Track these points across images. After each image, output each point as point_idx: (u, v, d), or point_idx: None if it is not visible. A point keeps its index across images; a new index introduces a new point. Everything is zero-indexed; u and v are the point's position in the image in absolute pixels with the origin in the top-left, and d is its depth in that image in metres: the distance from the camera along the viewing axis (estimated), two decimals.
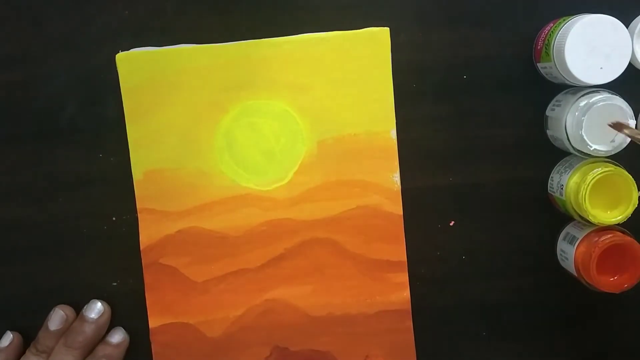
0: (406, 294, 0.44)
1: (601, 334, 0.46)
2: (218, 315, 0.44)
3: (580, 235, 0.42)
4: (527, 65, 0.44)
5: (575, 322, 0.46)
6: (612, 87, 0.41)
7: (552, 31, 0.41)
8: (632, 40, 0.41)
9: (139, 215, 0.43)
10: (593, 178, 0.40)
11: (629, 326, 0.46)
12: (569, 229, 0.44)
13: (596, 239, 0.41)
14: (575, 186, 0.41)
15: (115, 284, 0.45)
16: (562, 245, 0.44)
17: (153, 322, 0.44)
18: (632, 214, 0.41)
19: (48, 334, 0.43)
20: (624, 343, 0.47)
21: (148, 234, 0.43)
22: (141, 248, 0.44)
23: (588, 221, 0.41)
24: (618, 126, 0.39)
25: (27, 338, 0.45)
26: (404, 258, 0.44)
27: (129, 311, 0.45)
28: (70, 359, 0.42)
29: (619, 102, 0.40)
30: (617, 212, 0.41)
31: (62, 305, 0.44)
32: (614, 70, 0.40)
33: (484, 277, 0.45)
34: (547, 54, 0.41)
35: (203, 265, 0.44)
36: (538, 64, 0.43)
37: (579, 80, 0.40)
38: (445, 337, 0.46)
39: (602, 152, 0.40)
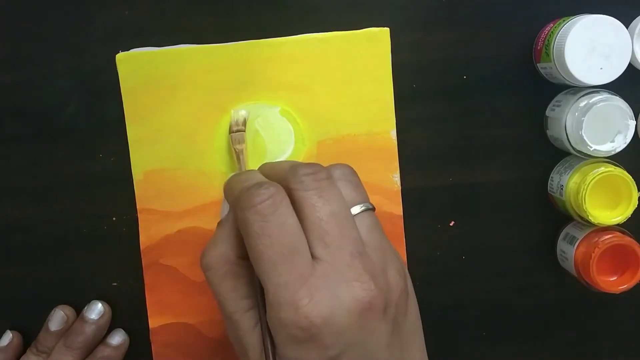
0: None
1: (601, 334, 0.46)
2: (218, 315, 0.44)
3: (580, 235, 0.42)
4: (527, 65, 0.44)
5: (575, 322, 0.46)
6: (612, 87, 0.41)
7: (552, 31, 0.41)
8: (632, 41, 0.41)
9: (139, 215, 0.43)
10: (593, 178, 0.40)
11: (629, 326, 0.46)
12: (568, 229, 0.44)
13: (596, 239, 0.41)
14: (575, 186, 0.41)
15: (115, 284, 0.45)
16: (562, 245, 0.44)
17: (153, 322, 0.44)
18: (632, 214, 0.41)
19: (48, 334, 0.43)
20: (624, 343, 0.47)
21: (148, 234, 0.43)
22: (141, 248, 0.44)
23: (588, 221, 0.41)
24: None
25: (27, 338, 0.45)
26: (404, 258, 0.44)
27: (129, 311, 0.45)
28: (69, 359, 0.42)
29: (618, 102, 0.40)
30: (616, 213, 0.41)
31: (63, 305, 0.44)
32: (614, 70, 0.40)
33: (484, 277, 0.46)
34: (547, 54, 0.41)
35: None
36: (538, 65, 0.43)
37: (579, 81, 0.40)
38: (445, 337, 0.46)
39: (602, 153, 0.40)
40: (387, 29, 0.43)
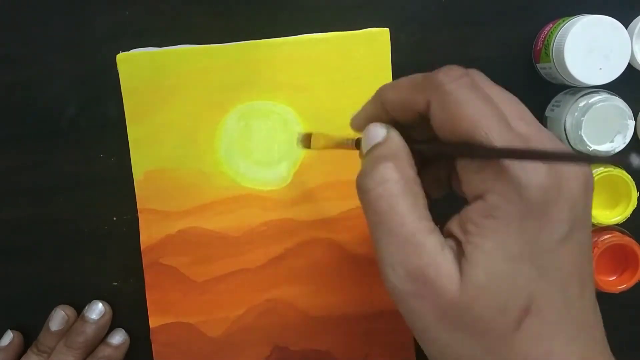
0: None
1: None
2: (218, 315, 0.44)
3: None
4: (527, 65, 0.44)
5: None
6: (611, 87, 0.41)
7: (551, 32, 0.41)
8: (632, 41, 0.41)
9: (139, 215, 0.43)
10: None
11: (629, 326, 0.46)
12: None
13: (595, 239, 0.41)
14: None
15: (115, 284, 0.45)
16: None
17: (153, 322, 0.44)
18: (632, 214, 0.41)
19: (49, 334, 0.43)
20: (623, 343, 0.47)
21: (148, 233, 0.43)
22: (142, 248, 0.44)
23: None
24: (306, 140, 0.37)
25: (28, 338, 0.45)
26: None
27: (129, 311, 0.45)
28: (70, 359, 0.42)
29: (618, 102, 0.40)
30: (616, 213, 0.41)
31: (63, 305, 0.44)
32: (613, 70, 0.40)
33: None
34: (547, 54, 0.41)
35: (203, 265, 0.44)
36: (537, 65, 0.43)
37: (578, 81, 0.40)
38: None
39: (602, 153, 0.40)
40: (387, 29, 0.43)
